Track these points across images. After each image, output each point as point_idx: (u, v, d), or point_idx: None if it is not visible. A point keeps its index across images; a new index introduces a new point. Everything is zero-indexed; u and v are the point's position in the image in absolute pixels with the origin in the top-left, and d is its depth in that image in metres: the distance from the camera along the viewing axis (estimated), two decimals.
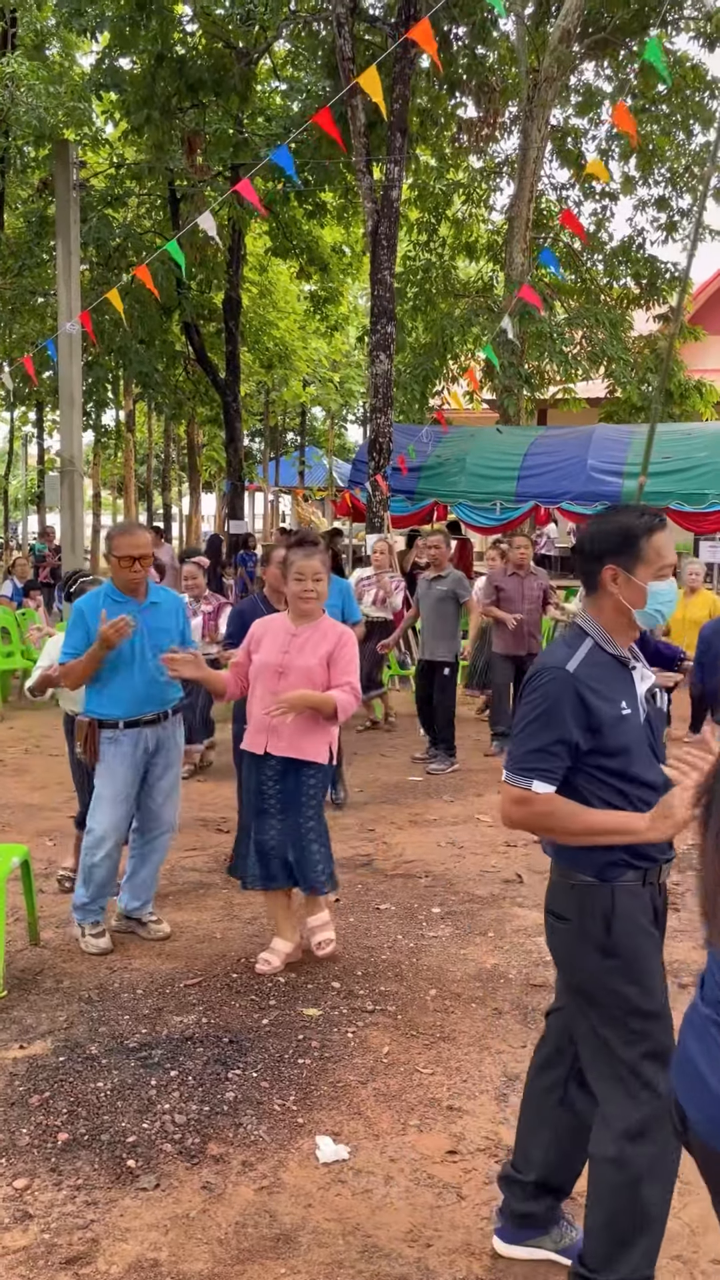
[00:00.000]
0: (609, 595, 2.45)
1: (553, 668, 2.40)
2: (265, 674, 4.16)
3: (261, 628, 4.28)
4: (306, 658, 4.12)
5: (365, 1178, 2.96)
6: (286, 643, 4.17)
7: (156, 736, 4.47)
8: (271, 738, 4.15)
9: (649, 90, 16.04)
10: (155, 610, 4.48)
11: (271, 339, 24.12)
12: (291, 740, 4.14)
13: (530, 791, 2.36)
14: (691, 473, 11.84)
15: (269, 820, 4.22)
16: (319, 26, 15.02)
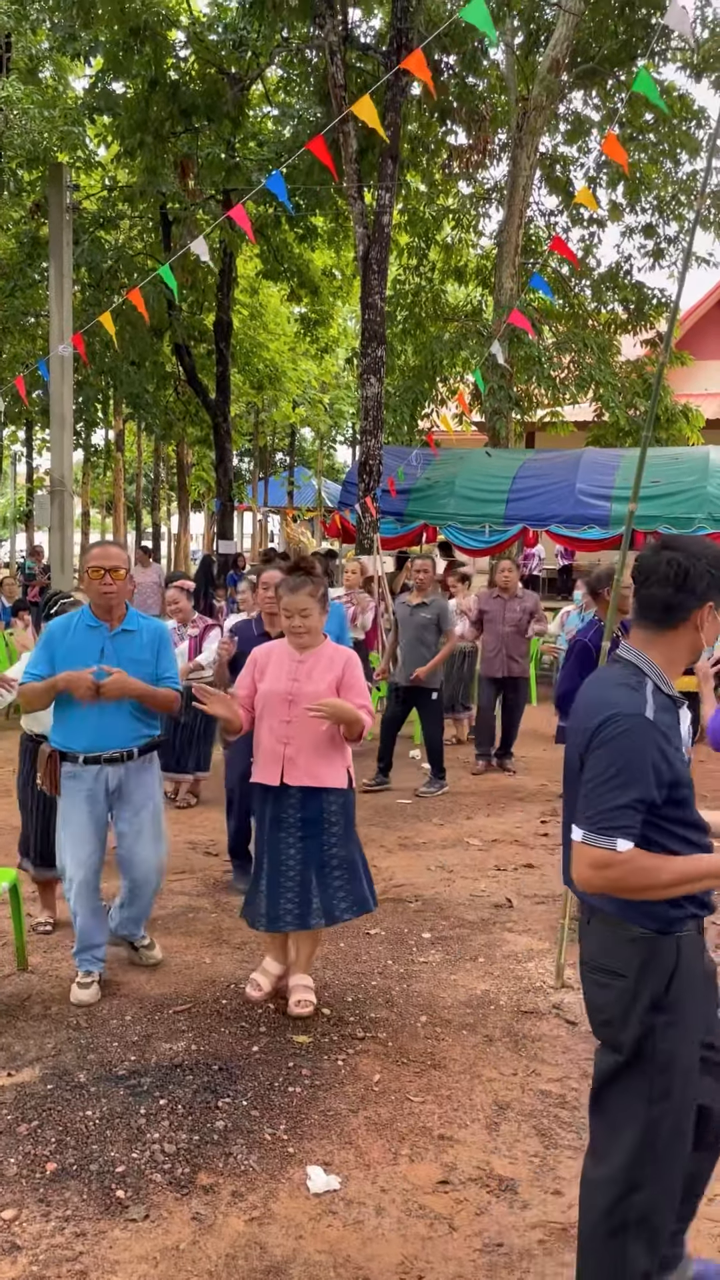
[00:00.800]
0: (691, 632, 2.31)
1: (631, 714, 2.20)
2: (274, 702, 4.03)
3: (265, 655, 4.16)
4: (316, 684, 4.01)
5: (356, 1208, 2.94)
6: (293, 670, 4.05)
7: (119, 776, 4.16)
8: (288, 768, 4.01)
9: (636, 119, 16.25)
10: (127, 640, 4.17)
11: (262, 360, 24.24)
12: (309, 769, 4.01)
13: (615, 852, 2.16)
14: (679, 497, 11.90)
15: (287, 850, 4.05)
16: (311, 54, 15.18)
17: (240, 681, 4.19)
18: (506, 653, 8.53)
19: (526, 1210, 2.95)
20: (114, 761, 4.14)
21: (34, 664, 4.15)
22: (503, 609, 8.58)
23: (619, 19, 15.41)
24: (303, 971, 4.20)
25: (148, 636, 4.23)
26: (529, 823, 7.23)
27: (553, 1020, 4.13)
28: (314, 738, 4.00)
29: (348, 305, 23.05)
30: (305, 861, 4.03)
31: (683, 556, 2.29)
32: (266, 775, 4.06)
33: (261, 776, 4.08)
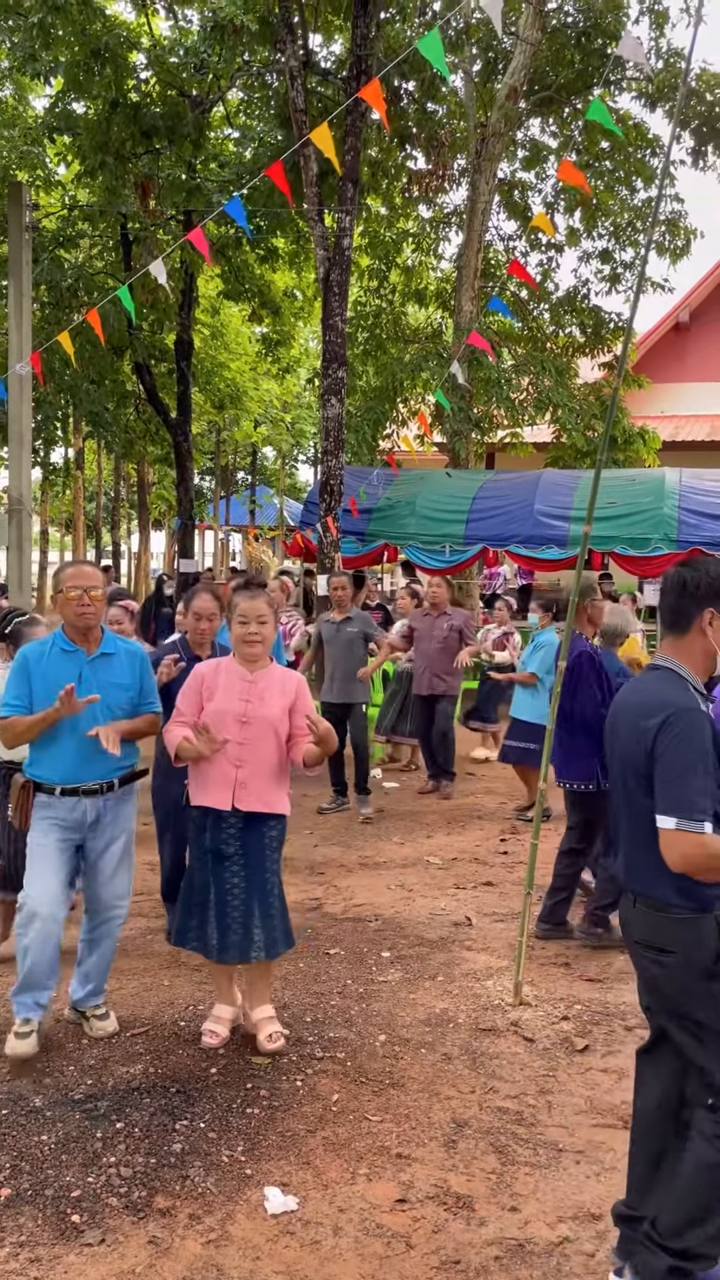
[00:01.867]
0: (700, 636, 2.63)
1: (690, 709, 2.51)
2: (226, 723, 3.86)
3: (212, 673, 3.99)
4: (270, 706, 3.90)
5: (314, 1228, 2.94)
6: (245, 690, 3.92)
7: (96, 809, 3.94)
8: (240, 792, 3.87)
9: (593, 147, 16.53)
10: (106, 664, 3.98)
11: (223, 380, 24.27)
12: (261, 793, 3.90)
13: (705, 834, 2.44)
14: (636, 517, 12.07)
15: (230, 880, 3.91)
16: (272, 78, 15.30)
17: (184, 700, 3.99)
18: (432, 670, 8.48)
19: (483, 1227, 2.96)
20: (92, 794, 3.93)
21: (12, 695, 3.89)
22: (430, 626, 8.52)
23: (575, 48, 15.71)
24: (264, 1003, 4.05)
25: (126, 659, 4.05)
26: (488, 841, 7.27)
27: (511, 1037, 4.16)
28: (267, 761, 3.90)
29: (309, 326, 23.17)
30: (249, 891, 3.92)
31: (688, 570, 2.65)
32: (215, 799, 3.89)
33: (208, 800, 3.91)
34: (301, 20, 12.88)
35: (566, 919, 5.37)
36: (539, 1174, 3.24)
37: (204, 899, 3.95)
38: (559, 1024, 4.29)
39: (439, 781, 8.71)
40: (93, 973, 4.12)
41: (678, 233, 16.85)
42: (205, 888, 3.95)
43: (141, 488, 30.89)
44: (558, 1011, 4.41)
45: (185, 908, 4.02)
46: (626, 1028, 4.27)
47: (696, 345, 23.02)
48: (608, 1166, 3.28)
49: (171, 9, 15.72)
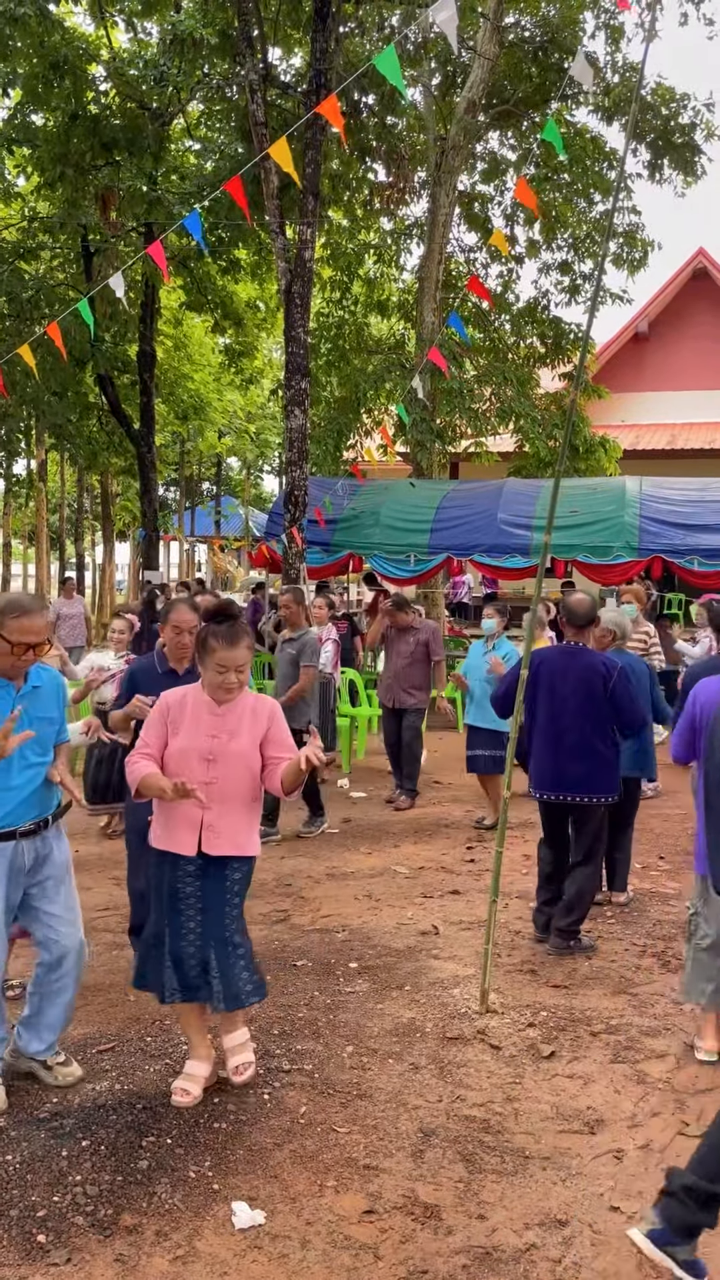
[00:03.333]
0: None
1: None
2: (191, 761, 3.60)
3: (178, 705, 3.68)
4: (240, 742, 3.64)
5: (281, 1242, 2.94)
6: (212, 724, 3.64)
7: (34, 850, 3.66)
8: (207, 835, 3.61)
9: (551, 160, 16.72)
10: (35, 696, 3.66)
11: (186, 391, 24.23)
12: (231, 836, 3.65)
13: None
14: (597, 526, 12.20)
15: (185, 924, 3.68)
16: (232, 91, 15.34)
17: (149, 730, 3.70)
18: (399, 684, 8.55)
19: (451, 1236, 2.98)
20: (30, 834, 3.63)
21: None
22: (398, 640, 8.63)
23: (533, 62, 15.91)
24: (237, 1027, 3.82)
25: (51, 690, 3.75)
26: (455, 849, 7.30)
27: (478, 1045, 4.18)
28: (238, 798, 3.66)
29: (272, 337, 23.21)
30: (204, 937, 3.66)
31: None
32: (179, 843, 3.63)
33: (171, 844, 3.65)
34: (261, 34, 12.93)
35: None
36: (506, 1181, 3.25)
37: (160, 940, 3.71)
38: (525, 1031, 4.32)
39: (400, 795, 8.67)
40: (55, 1025, 3.81)
41: (635, 244, 17.08)
42: (160, 931, 3.72)
43: (105, 499, 30.75)
44: (524, 1019, 4.44)
45: (144, 950, 3.79)
46: (592, 1033, 4.30)
47: (655, 355, 23.33)
48: (574, 1172, 3.31)
49: (131, 22, 15.74)
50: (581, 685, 5.28)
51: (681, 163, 16.15)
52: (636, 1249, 2.84)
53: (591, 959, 5.17)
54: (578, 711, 5.28)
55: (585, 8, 15.58)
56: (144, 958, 3.79)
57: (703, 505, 12.30)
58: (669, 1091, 3.84)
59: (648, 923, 5.74)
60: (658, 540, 11.92)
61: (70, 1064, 3.84)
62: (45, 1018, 3.78)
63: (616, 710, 5.26)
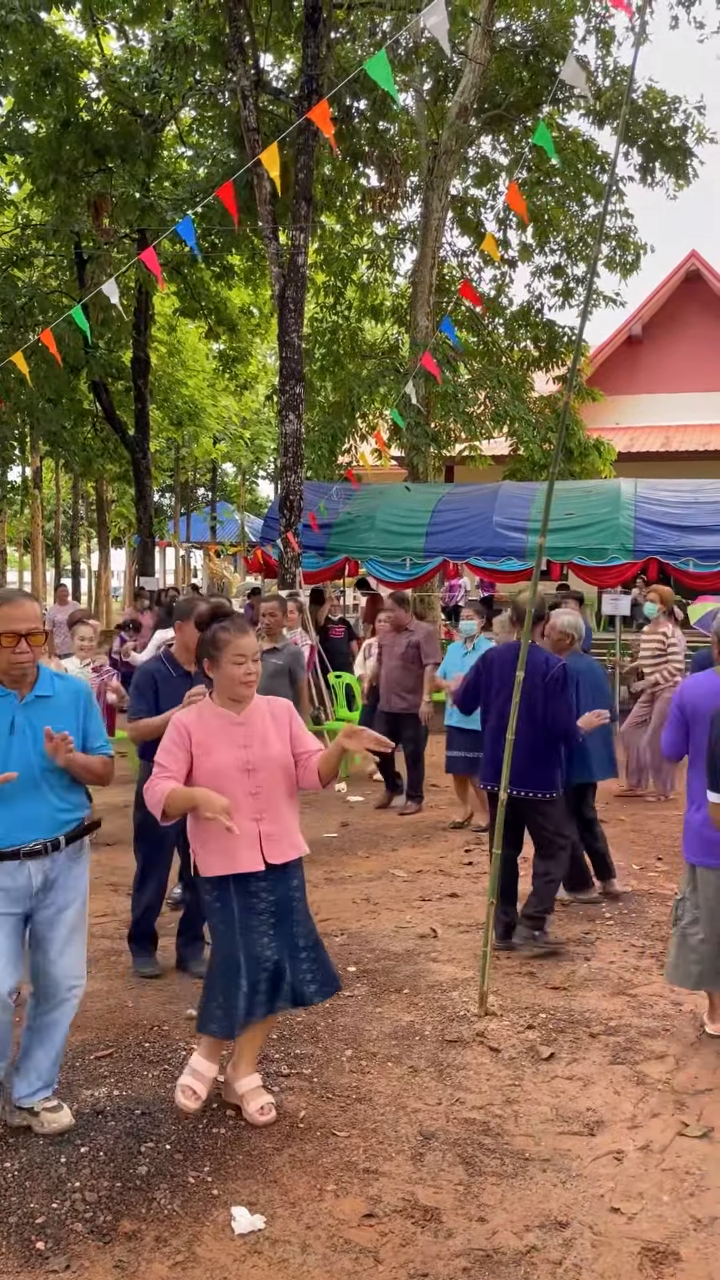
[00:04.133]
0: None
1: None
2: (232, 776, 3.49)
3: (197, 725, 3.55)
4: (272, 747, 3.57)
5: (281, 1247, 2.93)
6: (241, 736, 3.54)
7: (43, 872, 3.38)
8: (268, 845, 3.53)
9: (543, 164, 16.78)
10: (43, 707, 3.40)
11: (181, 397, 24.26)
12: (289, 839, 3.60)
13: None
14: (593, 528, 12.22)
15: (259, 940, 3.53)
16: (224, 97, 15.38)
17: (167, 755, 3.51)
18: (391, 689, 8.40)
19: (451, 1239, 2.97)
20: (35, 855, 3.36)
21: None
22: (392, 643, 8.49)
23: (524, 67, 15.97)
24: (250, 1071, 3.67)
25: (67, 699, 3.47)
26: (453, 853, 7.29)
27: (477, 1048, 4.17)
28: (283, 803, 3.60)
29: (266, 342, 23.25)
30: (279, 949, 3.57)
31: None
32: (244, 862, 3.50)
33: (236, 865, 3.50)
34: (252, 40, 12.96)
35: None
36: (506, 1184, 3.25)
37: (232, 967, 3.52)
38: (524, 1033, 4.31)
39: (407, 801, 8.62)
40: (43, 1068, 3.53)
41: (628, 247, 17.13)
42: (233, 955, 3.52)
43: (100, 506, 30.75)
44: (523, 1021, 4.43)
45: (213, 989, 3.57)
46: (591, 1035, 4.30)
47: (649, 358, 23.36)
48: (574, 1174, 3.30)
49: (122, 29, 15.79)
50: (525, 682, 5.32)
51: (673, 165, 16.22)
52: None
53: (590, 960, 5.17)
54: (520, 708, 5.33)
55: (576, 12, 15.65)
56: (214, 997, 3.54)
57: (697, 507, 12.33)
58: (669, 1092, 3.84)
59: (646, 924, 5.74)
60: (653, 542, 11.94)
61: (60, 1110, 3.52)
62: (33, 1059, 3.53)
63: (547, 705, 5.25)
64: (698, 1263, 2.87)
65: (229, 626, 3.52)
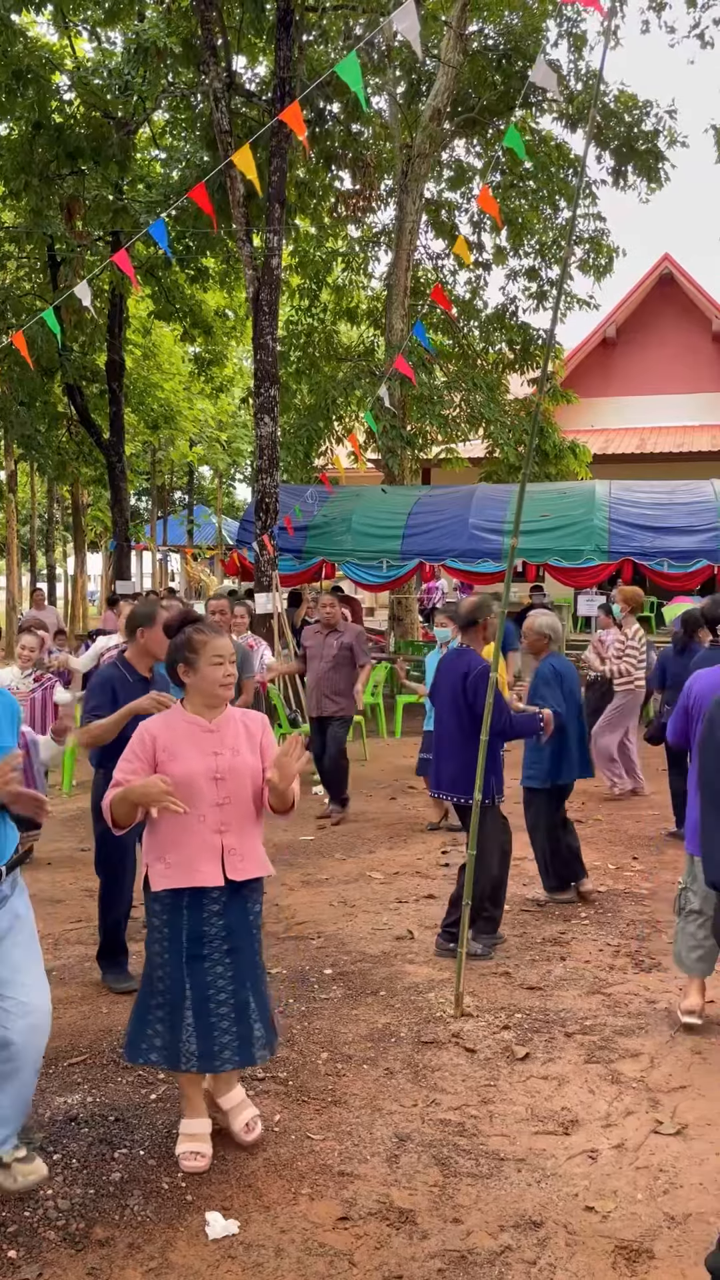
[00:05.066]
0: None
1: None
2: (199, 785, 3.29)
3: (164, 730, 3.37)
4: (242, 757, 3.37)
5: (255, 1251, 2.92)
6: (211, 742, 3.36)
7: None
8: (230, 860, 3.30)
9: (516, 167, 16.85)
10: None
11: (156, 400, 24.17)
12: (252, 856, 3.38)
13: None
14: (568, 529, 12.28)
15: (212, 970, 3.30)
16: (196, 99, 15.36)
17: (129, 764, 3.32)
18: (321, 690, 8.11)
19: (426, 1240, 2.97)
20: None
21: None
22: (322, 644, 8.15)
23: (497, 70, 16.03)
24: (233, 1087, 3.50)
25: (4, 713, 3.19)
26: (430, 854, 7.30)
27: (453, 1049, 4.17)
28: (249, 817, 3.39)
29: (242, 345, 23.20)
30: (238, 980, 3.32)
31: None
32: (201, 875, 3.27)
33: (191, 878, 3.27)
34: (225, 43, 12.96)
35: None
36: (481, 1184, 3.25)
37: (175, 999, 3.29)
38: (500, 1033, 4.32)
39: (329, 807, 8.36)
40: (9, 1114, 3.12)
41: (601, 251, 17.22)
42: (177, 986, 3.29)
43: (76, 509, 30.58)
44: (499, 1021, 4.44)
45: (142, 1016, 3.35)
46: (566, 1034, 4.31)
47: (623, 360, 23.50)
48: (549, 1173, 3.31)
49: (94, 31, 15.73)
50: (450, 687, 5.36)
51: (645, 169, 16.32)
52: None
53: (566, 961, 5.18)
54: (447, 712, 5.37)
55: (548, 15, 15.72)
56: (147, 1024, 3.33)
57: (671, 508, 12.41)
58: (643, 1090, 3.85)
59: (621, 923, 5.77)
60: (628, 543, 12.00)
61: (32, 1160, 3.13)
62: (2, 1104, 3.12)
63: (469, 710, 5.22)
64: (671, 1260, 2.88)
65: (203, 629, 3.40)
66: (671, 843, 7.37)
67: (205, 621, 3.47)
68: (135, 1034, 3.37)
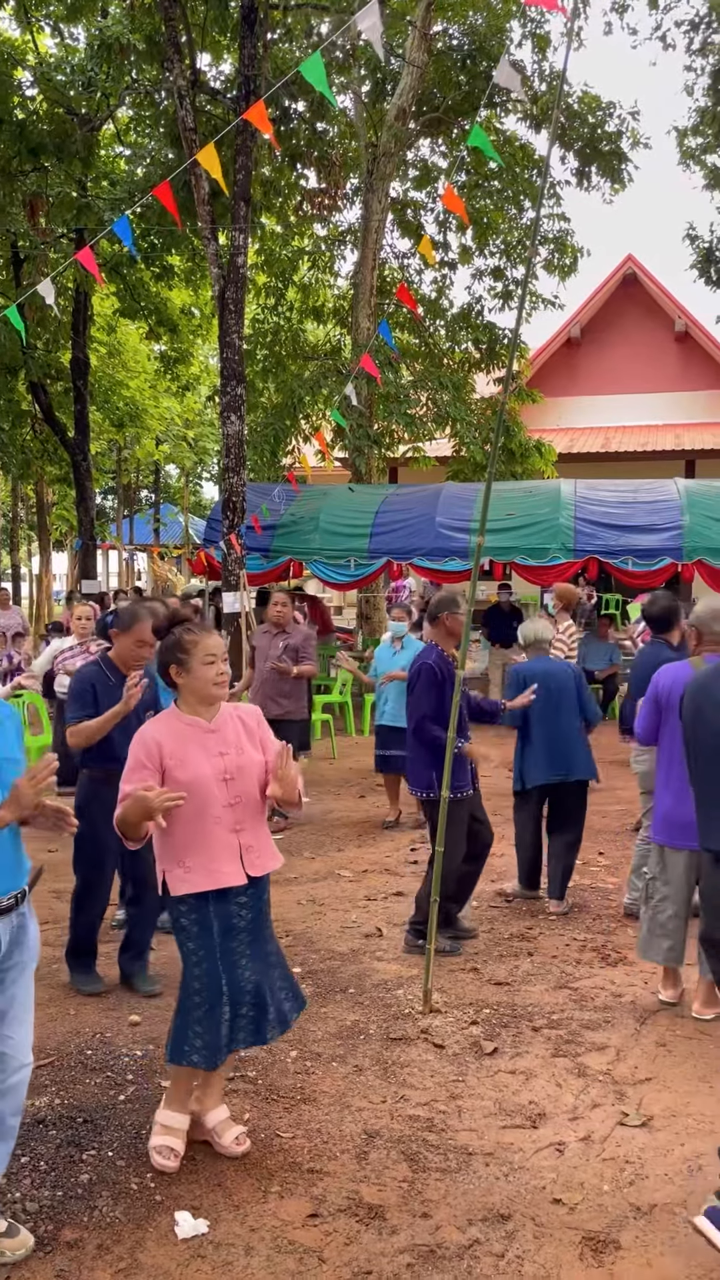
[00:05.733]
0: None
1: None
2: (210, 786, 3.28)
3: (167, 735, 3.32)
4: (247, 753, 3.38)
5: (225, 1250, 2.92)
6: (216, 743, 3.34)
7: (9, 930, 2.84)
8: (249, 857, 3.34)
9: (481, 167, 16.90)
10: None
11: (122, 399, 24.00)
12: (269, 850, 3.44)
13: None
14: (534, 528, 12.33)
15: (241, 960, 3.35)
16: (161, 97, 15.27)
17: (139, 775, 3.25)
18: (265, 692, 7.91)
19: (395, 1235, 2.98)
20: (6, 911, 2.83)
21: None
22: (268, 645, 8.03)
23: (461, 70, 16.07)
24: (218, 1104, 3.50)
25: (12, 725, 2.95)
26: (399, 851, 7.32)
27: (421, 1045, 4.20)
28: (259, 812, 3.42)
29: (208, 343, 23.10)
30: (258, 970, 3.37)
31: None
32: (227, 876, 3.29)
33: (221, 881, 3.29)
34: (189, 40, 12.89)
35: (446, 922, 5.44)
36: (449, 1179, 3.27)
37: (213, 996, 3.29)
38: (468, 1029, 4.35)
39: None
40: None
41: (565, 251, 17.32)
42: (214, 983, 3.30)
43: (41, 508, 30.32)
44: (467, 1016, 4.47)
45: (185, 1016, 3.32)
46: (534, 1028, 4.35)
47: (588, 360, 23.65)
48: (516, 1167, 3.34)
49: (57, 27, 15.59)
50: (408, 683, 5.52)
51: (609, 170, 16.43)
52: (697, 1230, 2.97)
53: (532, 956, 5.22)
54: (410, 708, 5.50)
55: (511, 16, 15.79)
56: (190, 1025, 3.30)
57: (636, 506, 12.50)
58: (609, 1083, 3.89)
59: (587, 918, 5.82)
60: (593, 541, 12.08)
61: (17, 1233, 2.90)
62: None
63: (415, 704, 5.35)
64: (637, 1250, 2.92)
65: (192, 629, 3.38)
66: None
67: (196, 624, 3.42)
68: (179, 1035, 3.33)
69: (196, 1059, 3.29)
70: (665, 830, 4.49)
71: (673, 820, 4.41)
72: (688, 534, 11.80)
